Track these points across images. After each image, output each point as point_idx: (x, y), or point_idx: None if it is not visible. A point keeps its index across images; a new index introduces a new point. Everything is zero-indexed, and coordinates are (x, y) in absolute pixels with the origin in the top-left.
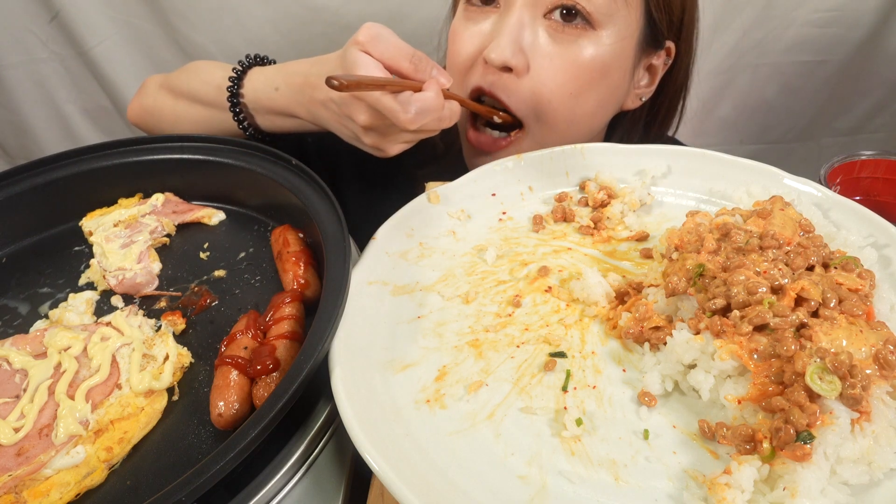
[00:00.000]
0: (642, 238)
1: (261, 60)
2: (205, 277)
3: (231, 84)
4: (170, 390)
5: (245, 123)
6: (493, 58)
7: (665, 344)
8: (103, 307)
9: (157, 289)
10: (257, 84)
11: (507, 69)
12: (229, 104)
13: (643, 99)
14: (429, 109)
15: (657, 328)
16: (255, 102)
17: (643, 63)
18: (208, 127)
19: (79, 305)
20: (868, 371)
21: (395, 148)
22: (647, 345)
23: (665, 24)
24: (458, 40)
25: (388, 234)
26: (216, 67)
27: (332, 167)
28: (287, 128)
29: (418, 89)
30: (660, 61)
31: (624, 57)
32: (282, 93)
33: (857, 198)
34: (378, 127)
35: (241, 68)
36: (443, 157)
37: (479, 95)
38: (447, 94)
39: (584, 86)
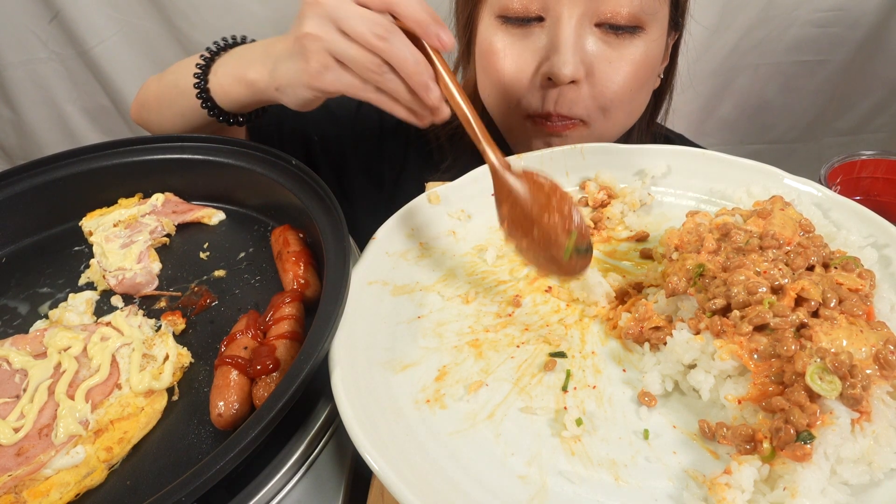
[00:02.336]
0: (642, 238)
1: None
2: (205, 277)
3: (202, 65)
4: (170, 390)
5: (204, 96)
6: (564, 74)
7: (665, 344)
8: (103, 307)
9: (157, 289)
10: (229, 54)
11: (572, 81)
12: (196, 81)
13: (661, 76)
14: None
15: (657, 328)
16: (218, 67)
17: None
18: (180, 109)
19: (79, 305)
20: (868, 371)
21: (329, 76)
22: (647, 345)
23: (684, 6)
24: (506, 60)
25: (388, 234)
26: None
27: (338, 167)
28: (238, 97)
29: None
30: (672, 38)
31: (663, 47)
32: (245, 56)
33: (858, 198)
34: (324, 34)
35: (222, 44)
36: (451, 167)
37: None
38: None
39: (642, 82)
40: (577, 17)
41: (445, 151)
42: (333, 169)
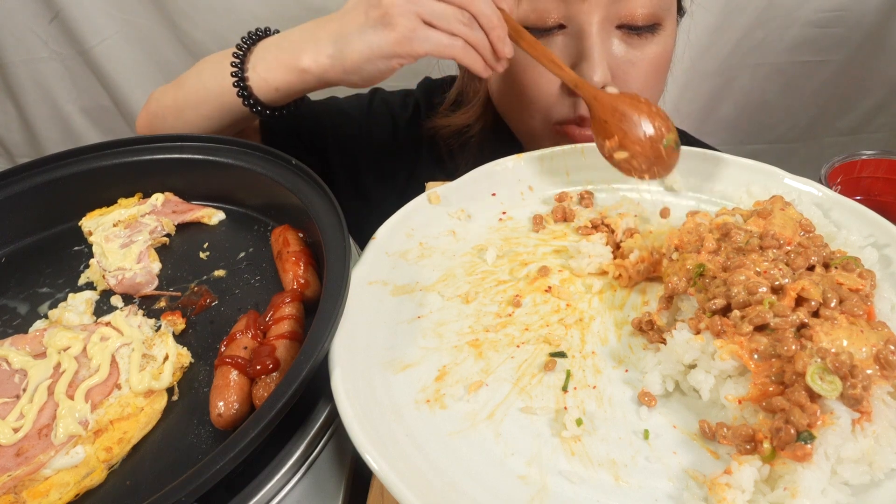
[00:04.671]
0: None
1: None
2: (205, 277)
3: (237, 63)
4: (169, 390)
5: (245, 93)
6: (595, 82)
7: (665, 343)
8: (103, 307)
9: (156, 289)
10: (263, 48)
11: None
12: (235, 79)
13: None
14: None
15: (656, 326)
16: (257, 62)
17: None
18: (207, 111)
19: (78, 305)
20: (869, 371)
21: (418, 38)
22: (647, 348)
23: None
24: (533, 71)
25: (388, 234)
26: (223, 55)
27: (352, 167)
28: (287, 87)
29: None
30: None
31: (675, 37)
32: (287, 45)
33: (858, 197)
34: None
35: (249, 41)
36: (454, 174)
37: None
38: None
39: (661, 76)
40: (599, 22)
41: (457, 159)
42: (347, 169)
